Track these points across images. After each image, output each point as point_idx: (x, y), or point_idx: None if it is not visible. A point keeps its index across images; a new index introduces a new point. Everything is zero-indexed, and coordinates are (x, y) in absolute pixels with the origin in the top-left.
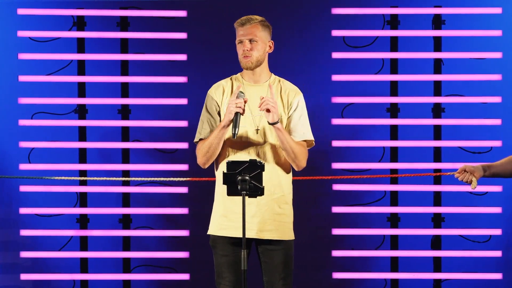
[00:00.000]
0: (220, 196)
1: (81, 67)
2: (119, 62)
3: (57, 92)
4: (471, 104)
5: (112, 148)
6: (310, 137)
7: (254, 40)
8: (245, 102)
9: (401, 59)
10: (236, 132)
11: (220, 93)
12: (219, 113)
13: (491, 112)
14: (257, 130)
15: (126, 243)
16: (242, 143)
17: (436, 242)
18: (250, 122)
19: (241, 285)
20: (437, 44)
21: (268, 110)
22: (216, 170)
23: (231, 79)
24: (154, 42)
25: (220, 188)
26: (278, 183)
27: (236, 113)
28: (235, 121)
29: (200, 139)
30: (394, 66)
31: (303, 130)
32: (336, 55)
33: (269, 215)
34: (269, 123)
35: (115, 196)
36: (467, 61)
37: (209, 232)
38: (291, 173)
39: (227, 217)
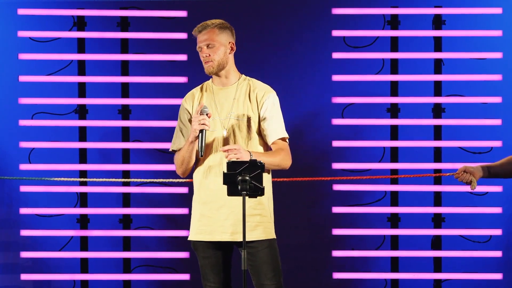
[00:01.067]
0: (194, 202)
1: (81, 67)
2: (119, 62)
3: (57, 92)
4: (471, 104)
5: (113, 148)
6: (284, 134)
7: (212, 45)
8: (208, 117)
9: (401, 59)
10: (202, 150)
11: (191, 101)
12: (190, 122)
13: (491, 112)
14: (226, 132)
15: (126, 243)
16: (214, 147)
17: (436, 242)
18: (219, 126)
19: (225, 284)
20: (438, 44)
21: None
22: (193, 175)
23: (201, 86)
24: (154, 42)
25: (195, 193)
26: None
27: (201, 131)
28: (200, 140)
29: (175, 150)
30: (394, 66)
31: (276, 130)
32: (336, 55)
33: (246, 217)
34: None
35: (115, 196)
36: (468, 61)
37: (189, 238)
38: (268, 173)
39: (201, 221)
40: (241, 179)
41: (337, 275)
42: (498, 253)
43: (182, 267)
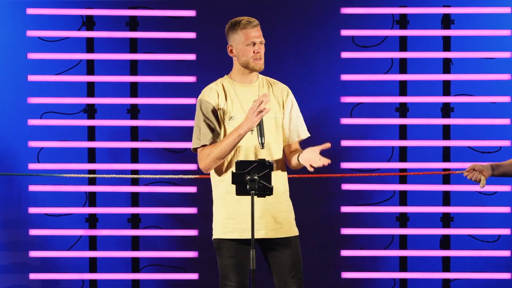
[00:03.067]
0: (221, 200)
1: (90, 67)
2: (128, 62)
3: (66, 91)
4: (480, 103)
5: (121, 148)
6: (308, 133)
7: (262, 42)
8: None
9: (410, 59)
10: (264, 141)
11: (215, 96)
12: (216, 117)
13: (500, 112)
14: (253, 131)
15: (135, 243)
16: (244, 144)
17: (445, 242)
18: None
19: (247, 286)
20: (446, 43)
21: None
22: (213, 176)
23: (220, 82)
24: (163, 41)
25: (221, 191)
26: (280, 181)
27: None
28: (259, 131)
29: (202, 145)
30: (403, 66)
31: (303, 128)
32: (345, 54)
33: (276, 213)
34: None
35: (124, 196)
36: (476, 60)
37: (215, 237)
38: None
39: (233, 219)
40: (250, 178)
41: (345, 275)
42: (507, 253)
43: (191, 267)
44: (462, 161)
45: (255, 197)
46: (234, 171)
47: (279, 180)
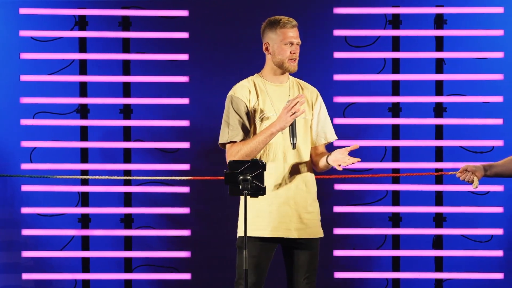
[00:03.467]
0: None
1: (83, 67)
2: (121, 62)
3: (59, 91)
4: (473, 103)
5: (114, 148)
6: (335, 136)
7: (300, 44)
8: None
9: (403, 59)
10: (295, 141)
11: (247, 93)
12: (247, 114)
13: (493, 112)
14: (283, 131)
15: (128, 243)
16: (273, 144)
17: (437, 242)
18: None
19: (261, 286)
20: (439, 43)
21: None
22: None
23: (251, 79)
24: (155, 41)
25: None
26: (308, 181)
27: (292, 123)
28: (292, 131)
29: (231, 141)
30: (396, 66)
31: (331, 131)
32: (338, 54)
33: (303, 214)
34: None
35: (116, 196)
36: (469, 60)
37: (240, 234)
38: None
39: (260, 217)
40: (243, 178)
41: (338, 275)
42: (499, 253)
43: (184, 267)
44: (455, 161)
45: (286, 197)
46: (226, 171)
47: (307, 181)
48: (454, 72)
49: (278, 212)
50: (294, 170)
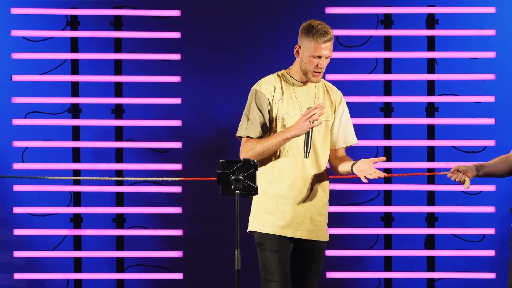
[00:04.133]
0: (263, 194)
1: (74, 67)
2: (112, 62)
3: (50, 91)
4: (465, 103)
5: (106, 148)
6: (356, 140)
7: (329, 55)
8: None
9: (394, 59)
10: (309, 151)
11: (272, 90)
12: (269, 111)
13: (484, 112)
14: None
15: (120, 243)
16: (293, 142)
17: (429, 242)
18: None
19: (289, 283)
20: (431, 43)
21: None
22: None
23: (278, 75)
24: (147, 41)
25: (264, 186)
26: (324, 184)
27: (308, 131)
28: (307, 139)
29: (248, 136)
30: (387, 66)
31: (352, 134)
32: None
33: (314, 216)
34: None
35: (108, 196)
36: (461, 60)
37: (253, 229)
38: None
39: (273, 215)
40: (235, 178)
41: (330, 275)
42: (491, 253)
43: (176, 267)
44: (447, 161)
45: (301, 197)
46: (218, 171)
47: (322, 183)
48: (446, 72)
49: (292, 212)
50: (311, 172)
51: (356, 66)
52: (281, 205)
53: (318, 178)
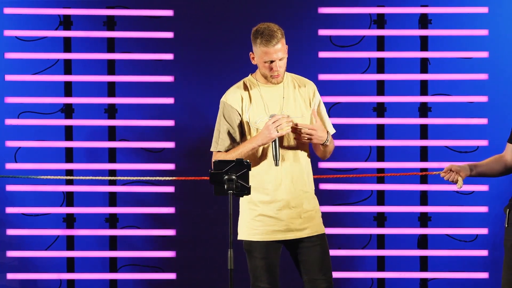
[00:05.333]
0: (249, 202)
1: (67, 67)
2: (105, 62)
3: (43, 91)
4: (458, 103)
5: (99, 148)
6: (333, 129)
7: (283, 57)
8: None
9: (387, 59)
10: (279, 159)
11: (239, 100)
12: (240, 123)
13: (477, 112)
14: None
15: (113, 243)
16: (271, 147)
17: (422, 242)
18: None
19: (278, 286)
20: (424, 43)
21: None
22: None
23: (244, 83)
24: (140, 41)
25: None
26: (306, 180)
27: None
28: (275, 147)
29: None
30: (380, 66)
31: (329, 124)
32: (322, 54)
33: (303, 213)
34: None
35: (101, 196)
36: (454, 60)
37: (242, 238)
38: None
39: (261, 221)
40: (228, 178)
41: None
42: (484, 252)
43: (169, 267)
44: (440, 161)
45: (285, 199)
46: (211, 170)
47: (305, 180)
48: (439, 72)
49: (279, 215)
50: (292, 171)
51: (349, 66)
52: (267, 211)
53: (300, 176)
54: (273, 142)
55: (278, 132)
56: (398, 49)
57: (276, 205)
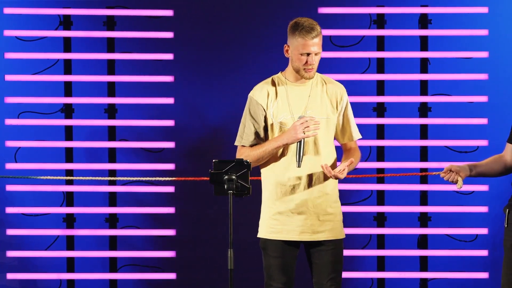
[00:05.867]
0: (268, 199)
1: (67, 66)
2: (105, 62)
3: (43, 91)
4: (458, 103)
5: (99, 148)
6: (359, 134)
7: (319, 51)
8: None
9: (387, 59)
10: (301, 160)
11: (265, 96)
12: (265, 119)
13: (477, 112)
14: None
15: (113, 243)
16: (294, 145)
17: (422, 242)
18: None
19: (292, 286)
20: (424, 43)
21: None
22: (262, 173)
23: (272, 79)
24: (140, 41)
25: (268, 190)
26: (329, 183)
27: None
28: (298, 149)
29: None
30: (380, 66)
31: (355, 129)
32: (322, 54)
33: (322, 216)
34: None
35: (101, 196)
36: (454, 60)
37: (260, 236)
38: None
39: (278, 220)
40: (228, 178)
41: None
42: (484, 252)
43: (169, 266)
44: (440, 161)
45: (304, 199)
46: (211, 170)
47: (328, 181)
48: (439, 72)
49: (297, 215)
50: (313, 172)
51: (349, 66)
52: (285, 209)
53: (322, 178)
54: (298, 143)
55: (304, 133)
56: (398, 49)
57: (294, 204)
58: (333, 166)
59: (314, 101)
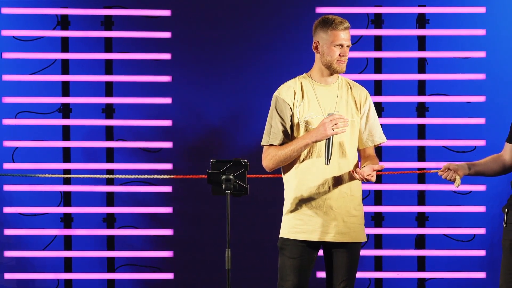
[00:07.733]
0: (292, 199)
1: (65, 66)
2: (103, 61)
3: (41, 91)
4: (455, 103)
5: (97, 148)
6: (384, 138)
7: (349, 44)
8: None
9: (385, 58)
10: (330, 158)
11: (292, 95)
12: (291, 116)
13: (475, 111)
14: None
15: (110, 243)
16: (318, 144)
17: (420, 241)
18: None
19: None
20: (421, 43)
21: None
22: (284, 174)
23: (299, 79)
24: (138, 41)
25: (292, 190)
26: (352, 184)
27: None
28: (327, 146)
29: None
30: (378, 65)
31: (379, 131)
32: None
33: (346, 217)
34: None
35: (99, 195)
36: (451, 60)
37: (281, 235)
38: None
39: (302, 220)
40: (225, 178)
41: (320, 274)
42: (481, 252)
43: (166, 266)
44: (437, 161)
45: (328, 200)
46: (209, 170)
47: (351, 184)
48: (437, 71)
49: (320, 215)
50: (339, 172)
51: (346, 65)
52: (308, 210)
53: (346, 180)
54: (327, 140)
55: (333, 130)
56: (396, 49)
57: (319, 205)
58: (357, 167)
59: (341, 102)
